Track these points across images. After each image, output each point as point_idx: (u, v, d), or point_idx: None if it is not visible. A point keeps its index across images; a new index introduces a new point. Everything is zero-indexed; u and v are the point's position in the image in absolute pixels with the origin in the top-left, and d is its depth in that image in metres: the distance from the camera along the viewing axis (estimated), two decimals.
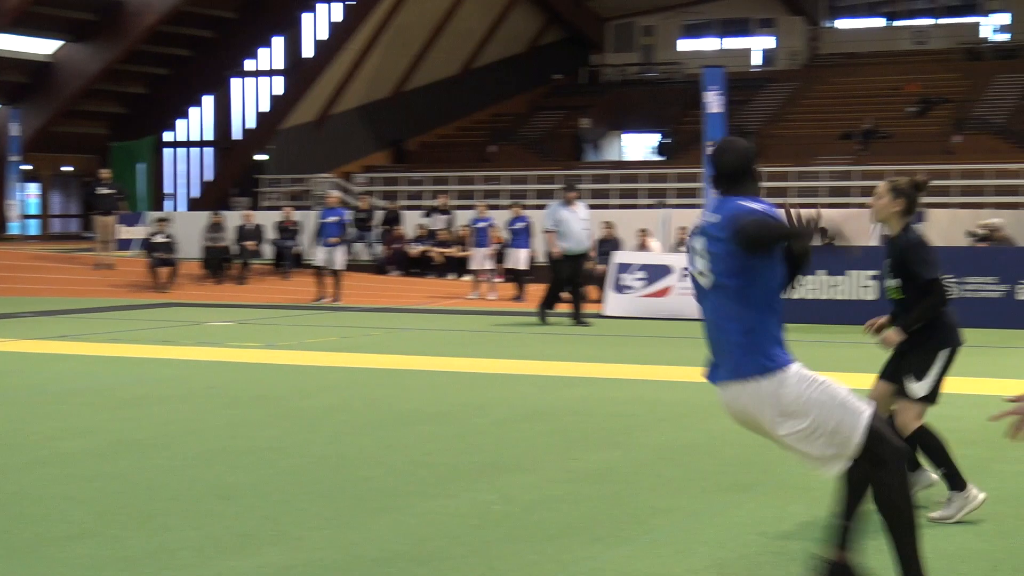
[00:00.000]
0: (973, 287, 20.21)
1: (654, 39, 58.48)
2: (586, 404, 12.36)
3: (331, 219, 27.48)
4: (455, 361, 16.31)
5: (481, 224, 28.71)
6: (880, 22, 57.35)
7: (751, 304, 5.67)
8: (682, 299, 22.33)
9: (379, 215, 36.34)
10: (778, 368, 5.60)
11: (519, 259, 28.19)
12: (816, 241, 5.43)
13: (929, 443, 7.73)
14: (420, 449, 10.00)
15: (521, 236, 28.17)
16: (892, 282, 7.94)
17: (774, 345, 5.64)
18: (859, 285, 21.05)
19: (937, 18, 55.88)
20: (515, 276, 28.49)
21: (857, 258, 20.66)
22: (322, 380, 14.40)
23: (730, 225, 5.63)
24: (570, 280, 21.62)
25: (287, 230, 32.99)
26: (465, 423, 11.30)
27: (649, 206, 39.03)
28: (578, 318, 21.33)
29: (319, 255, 27.40)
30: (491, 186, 43.76)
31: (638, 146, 55.69)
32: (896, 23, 56.68)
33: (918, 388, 7.79)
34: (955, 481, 7.63)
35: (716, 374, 6.11)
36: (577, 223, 21.44)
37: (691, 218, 28.21)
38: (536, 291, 27.56)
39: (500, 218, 29.45)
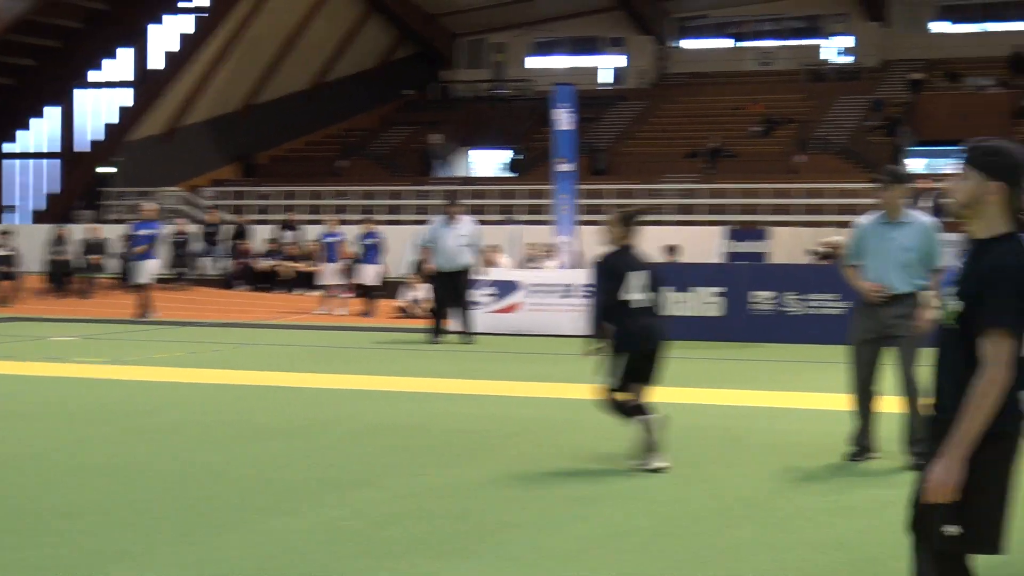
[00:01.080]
0: (816, 304, 20.63)
1: (505, 56, 58.78)
2: (434, 419, 12.39)
3: (143, 232, 26.86)
4: (303, 377, 16.23)
5: (331, 239, 28.60)
6: (727, 43, 58.29)
7: None
8: (531, 315, 22.51)
9: (227, 229, 36.05)
10: None
11: (369, 275, 28.14)
12: None
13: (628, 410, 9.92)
14: (268, 465, 9.95)
15: (371, 252, 28.12)
16: None
17: None
18: (704, 301, 21.36)
19: (782, 40, 56.96)
20: (365, 292, 28.41)
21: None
22: (169, 396, 14.24)
23: None
24: (449, 297, 21.40)
25: None
26: (313, 439, 11.26)
27: (499, 222, 39.16)
28: (436, 333, 21.24)
29: (129, 269, 27.00)
30: (341, 201, 43.57)
31: (488, 162, 55.89)
32: (742, 44, 57.67)
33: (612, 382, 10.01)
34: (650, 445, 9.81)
35: None
36: (452, 239, 21.26)
37: (540, 235, 28.43)
38: (385, 307, 27.56)
39: (350, 233, 29.37)
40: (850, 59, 55.08)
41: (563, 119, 25.62)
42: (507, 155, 52.55)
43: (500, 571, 6.93)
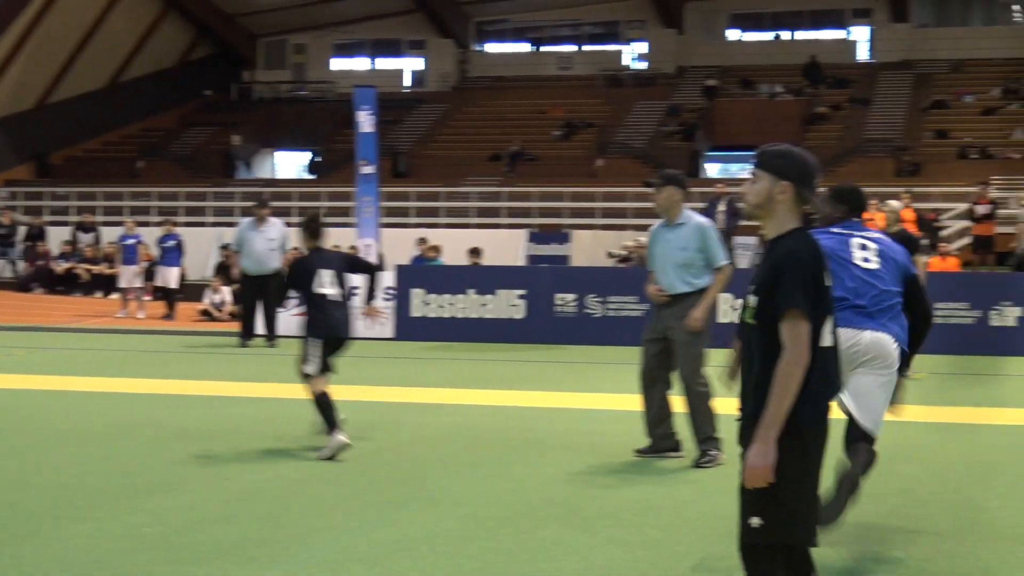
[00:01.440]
0: (615, 306, 20.93)
1: (306, 57, 58.41)
2: (238, 423, 12.27)
3: None
4: (103, 381, 15.92)
5: (130, 241, 28.08)
6: (527, 47, 58.78)
7: None
8: None
9: (22, 231, 35.19)
10: None
11: (169, 277, 27.69)
12: None
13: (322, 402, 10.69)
14: (68, 472, 9.75)
15: (172, 254, 27.68)
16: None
17: None
18: (508, 304, 21.52)
19: (580, 45, 57.65)
20: (165, 294, 27.96)
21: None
22: None
23: None
24: (258, 300, 21.01)
25: None
26: (114, 444, 11.07)
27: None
28: (245, 336, 20.98)
29: None
30: (140, 202, 42.82)
31: (290, 164, 55.48)
32: (542, 48, 58.19)
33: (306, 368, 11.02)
34: (331, 427, 10.49)
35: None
36: (261, 243, 20.91)
37: (343, 237, 28.29)
38: (186, 309, 27.17)
39: (150, 235, 28.87)
40: (646, 65, 55.98)
41: (365, 121, 25.55)
42: (308, 157, 52.24)
43: (308, 575, 6.91)
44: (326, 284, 11.01)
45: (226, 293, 27.26)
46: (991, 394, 15.40)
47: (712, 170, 49.56)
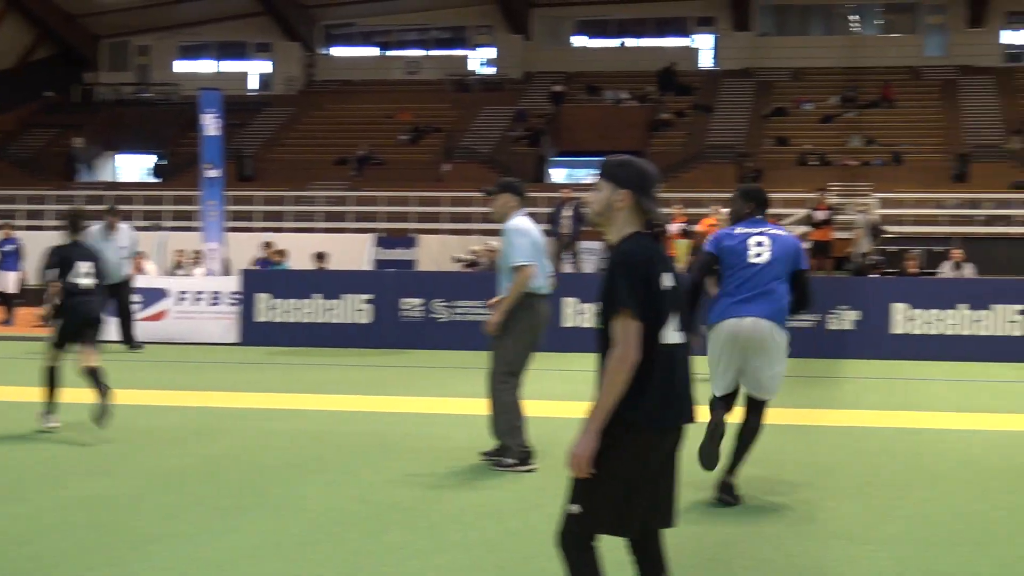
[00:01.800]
0: (462, 311, 20.99)
1: (150, 59, 57.68)
2: (75, 431, 12.06)
3: None
4: None
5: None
6: (374, 51, 58.66)
7: None
8: (178, 322, 22.13)
9: None
10: None
11: (8, 282, 27.12)
12: None
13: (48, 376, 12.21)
14: None
15: (11, 258, 27.12)
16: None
17: None
18: (354, 308, 21.47)
19: (428, 49, 57.70)
20: (4, 299, 27.38)
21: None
22: None
23: None
24: (112, 309, 20.45)
25: None
26: None
27: (145, 228, 38.41)
28: (130, 342, 20.73)
29: None
30: None
31: (134, 167, 54.71)
32: (389, 53, 58.12)
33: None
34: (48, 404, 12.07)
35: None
36: (112, 251, 20.19)
37: (188, 241, 28.02)
38: (26, 315, 26.62)
39: None
40: (493, 70, 56.20)
41: (210, 124, 25.32)
42: (152, 160, 51.58)
43: None
44: (81, 275, 12.08)
45: None
46: (828, 396, 15.75)
47: (558, 175, 49.94)
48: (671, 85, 51.53)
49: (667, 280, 5.09)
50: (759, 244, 8.80)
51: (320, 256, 26.72)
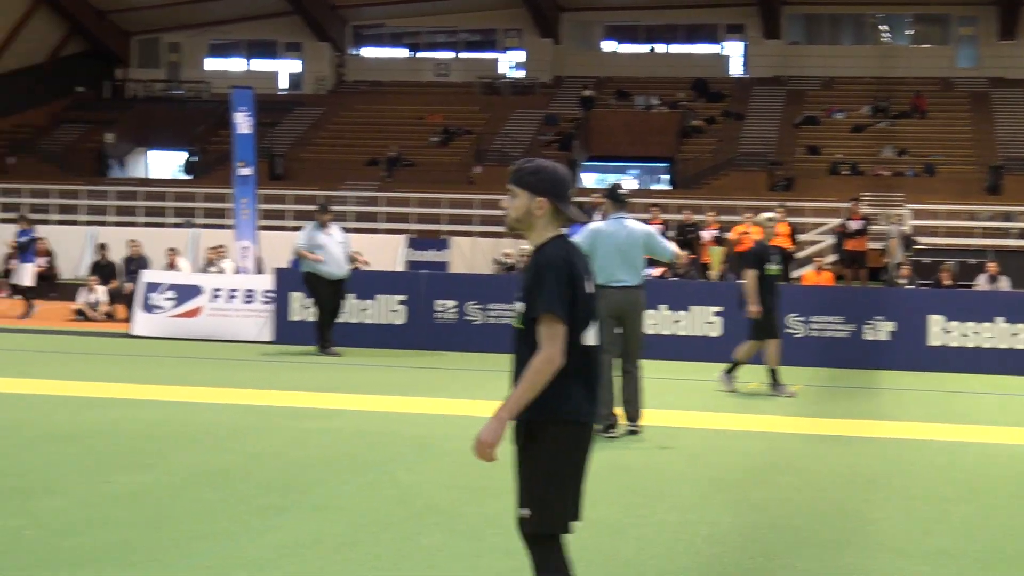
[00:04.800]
0: (496, 313, 20.94)
1: (180, 56, 57.79)
2: (118, 425, 12.07)
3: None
4: None
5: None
6: (404, 53, 58.67)
7: None
8: (212, 320, 22.13)
9: None
10: None
11: (25, 275, 27.23)
12: None
13: None
14: None
15: (28, 250, 27.24)
16: None
17: None
18: (389, 309, 21.44)
19: (458, 52, 57.67)
20: (21, 292, 27.46)
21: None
22: None
23: None
24: (333, 304, 20.37)
25: None
26: None
27: (177, 225, 38.50)
28: (325, 345, 20.28)
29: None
30: (10, 199, 42.06)
31: (166, 164, 54.84)
32: (419, 54, 58.13)
33: None
34: None
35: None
36: (335, 246, 20.21)
37: (219, 238, 28.03)
38: (59, 309, 26.70)
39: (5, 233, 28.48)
40: (523, 74, 56.17)
41: (242, 123, 25.30)
42: (183, 157, 51.68)
43: None
44: None
45: (101, 293, 26.86)
46: (865, 407, 15.65)
47: (588, 180, 49.87)
48: (704, 92, 51.46)
49: (587, 285, 5.19)
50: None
51: (352, 258, 26.69)
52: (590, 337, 5.18)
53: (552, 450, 5.16)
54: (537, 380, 5.03)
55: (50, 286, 31.98)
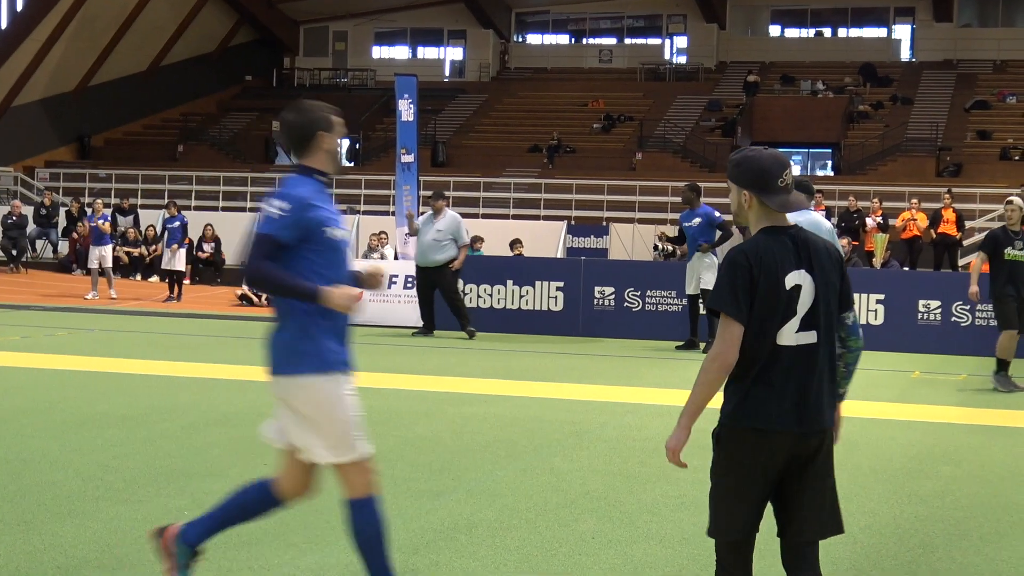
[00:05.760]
0: (654, 300, 20.88)
1: (346, 44, 58.48)
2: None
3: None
4: (142, 364, 15.96)
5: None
6: (567, 39, 58.69)
7: None
8: (373, 305, 22.36)
9: (63, 212, 35.37)
10: None
11: (176, 260, 27.85)
12: None
13: None
14: (108, 453, 9.77)
15: (176, 235, 27.86)
16: None
17: None
18: (548, 295, 21.50)
19: (621, 38, 57.51)
20: (171, 276, 28.11)
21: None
22: (4, 382, 13.90)
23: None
24: (428, 291, 20.73)
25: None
26: (155, 427, 11.08)
27: (342, 212, 38.99)
28: (427, 329, 20.84)
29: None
30: (179, 186, 43.01)
31: None
32: (583, 41, 58.10)
33: None
34: None
35: None
36: (429, 234, 20.46)
37: (382, 225, 28.33)
38: (227, 294, 27.22)
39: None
40: (686, 59, 55.84)
41: (405, 110, 25.54)
42: (347, 144, 52.30)
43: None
44: None
45: None
46: None
47: None
48: (872, 76, 50.64)
49: (794, 276, 4.99)
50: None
51: (515, 243, 26.84)
52: (787, 336, 4.93)
53: (724, 457, 5.06)
54: (703, 379, 4.92)
55: (215, 271, 32.68)
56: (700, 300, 18.79)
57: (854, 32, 55.44)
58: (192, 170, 44.76)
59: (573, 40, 58.58)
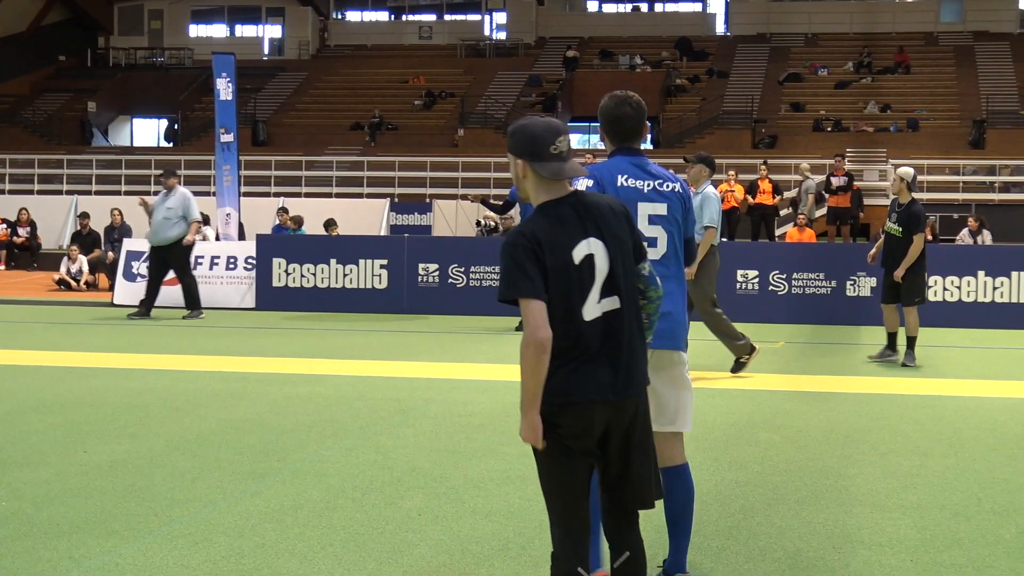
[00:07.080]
0: (478, 276, 20.97)
1: (163, 23, 57.56)
2: (99, 395, 12.06)
3: None
4: None
5: None
6: (386, 16, 58.48)
7: None
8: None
9: None
10: None
11: None
12: None
13: None
14: None
15: None
16: None
17: None
18: (371, 274, 21.46)
19: (441, 15, 57.50)
20: None
21: None
22: None
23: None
24: (161, 271, 20.47)
25: None
26: None
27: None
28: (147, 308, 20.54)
29: None
30: None
31: (148, 131, 54.67)
32: (402, 18, 57.96)
33: None
34: None
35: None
36: (160, 212, 20.13)
37: (202, 205, 27.94)
38: (43, 279, 26.63)
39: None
40: (506, 35, 56.05)
41: (224, 89, 25.25)
42: (165, 124, 51.59)
43: (172, 548, 6.81)
44: None
45: (83, 262, 26.81)
46: (847, 363, 15.69)
47: (573, 140, 49.77)
48: (688, 51, 51.37)
49: (582, 247, 4.81)
50: None
51: (329, 224, 26.69)
52: (591, 309, 4.79)
53: (550, 440, 4.86)
54: (523, 367, 4.69)
55: (32, 256, 31.97)
56: None
57: (670, 7, 56.20)
58: (5, 153, 43.67)
59: (393, 17, 58.40)
